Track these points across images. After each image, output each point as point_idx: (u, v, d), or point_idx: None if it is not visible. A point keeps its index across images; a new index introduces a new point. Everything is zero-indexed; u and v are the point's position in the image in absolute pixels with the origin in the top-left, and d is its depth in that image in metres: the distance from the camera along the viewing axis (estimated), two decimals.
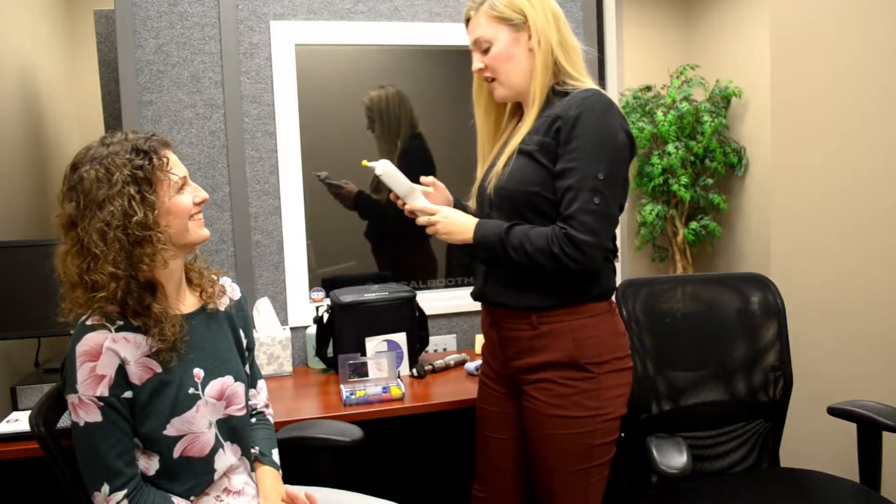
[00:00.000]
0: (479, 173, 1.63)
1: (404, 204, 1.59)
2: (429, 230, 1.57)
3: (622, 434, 1.58)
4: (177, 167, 1.30)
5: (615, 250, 1.52)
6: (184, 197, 1.30)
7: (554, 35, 1.47)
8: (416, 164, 2.38)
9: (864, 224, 2.11)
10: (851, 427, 1.78)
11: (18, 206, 2.53)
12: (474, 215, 1.58)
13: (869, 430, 1.73)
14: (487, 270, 1.55)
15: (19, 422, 1.70)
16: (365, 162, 1.58)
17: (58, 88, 3.17)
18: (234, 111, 2.20)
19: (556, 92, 1.48)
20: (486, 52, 1.50)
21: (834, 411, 1.80)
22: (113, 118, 2.37)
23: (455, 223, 1.53)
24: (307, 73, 2.27)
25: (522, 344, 1.51)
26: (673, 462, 1.52)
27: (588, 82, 1.49)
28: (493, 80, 1.52)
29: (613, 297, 1.56)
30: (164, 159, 1.27)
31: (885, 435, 1.73)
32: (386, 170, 1.56)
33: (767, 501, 1.72)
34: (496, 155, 1.58)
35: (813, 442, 2.27)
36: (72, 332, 1.97)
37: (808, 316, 2.27)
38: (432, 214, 1.55)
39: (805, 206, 2.31)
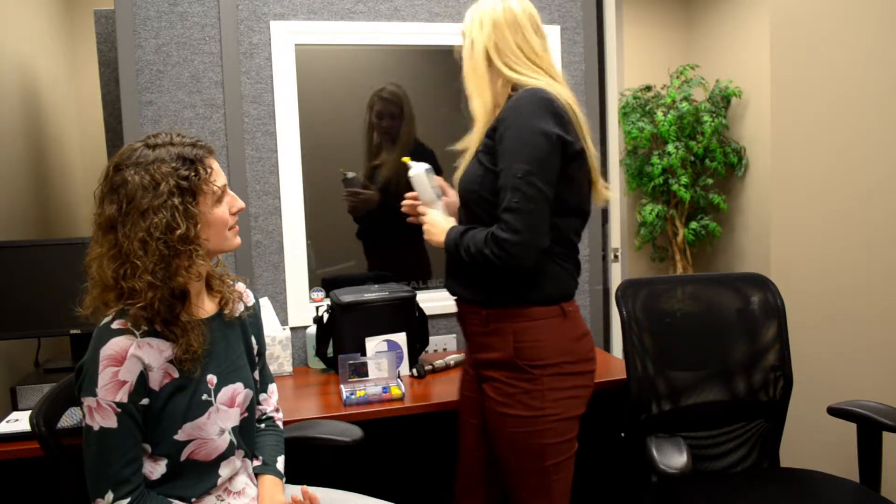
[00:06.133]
0: None
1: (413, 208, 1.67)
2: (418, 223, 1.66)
3: (622, 434, 1.58)
4: (219, 176, 1.30)
5: (571, 251, 1.52)
6: (222, 208, 1.30)
7: (484, 38, 1.51)
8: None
9: (864, 224, 2.11)
10: (851, 427, 1.78)
11: (18, 206, 2.53)
12: None
13: (869, 430, 1.73)
14: (450, 265, 1.61)
15: (19, 422, 1.70)
16: (406, 159, 1.67)
17: (58, 88, 3.17)
18: (234, 111, 2.20)
19: (510, 95, 1.51)
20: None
21: (834, 411, 1.80)
22: (113, 118, 2.36)
23: (433, 226, 1.60)
24: (307, 73, 2.27)
25: (477, 339, 1.57)
26: (673, 462, 1.52)
27: (539, 80, 1.48)
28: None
29: (573, 301, 1.54)
30: (209, 170, 1.27)
31: (885, 435, 1.73)
32: (418, 174, 1.65)
33: (767, 501, 1.72)
34: None
35: (813, 442, 2.27)
36: (72, 331, 1.99)
37: (808, 316, 2.27)
38: (423, 215, 1.63)
39: (805, 206, 2.31)
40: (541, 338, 1.48)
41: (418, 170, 1.66)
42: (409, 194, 1.68)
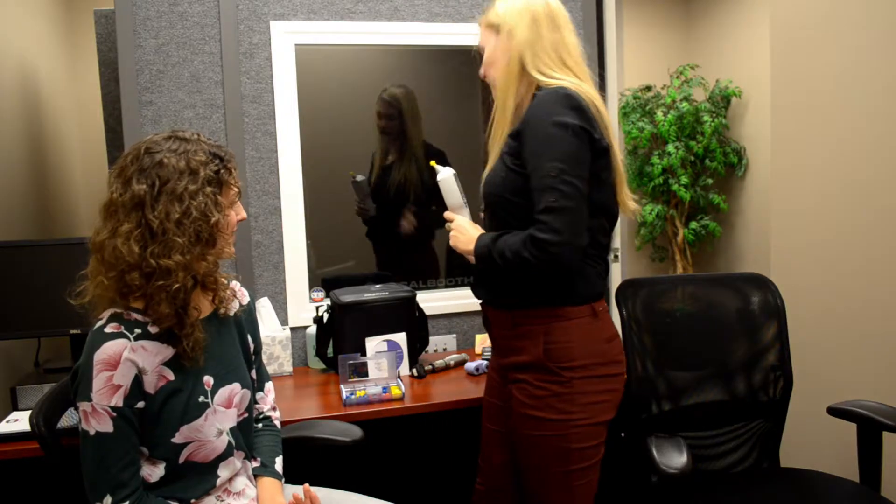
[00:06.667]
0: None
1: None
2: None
3: (622, 434, 1.58)
4: (238, 181, 1.33)
5: (601, 252, 1.50)
6: (232, 213, 1.32)
7: (523, 35, 1.48)
8: (412, 164, 2.39)
9: (863, 224, 2.11)
10: (851, 427, 1.78)
11: (18, 206, 2.53)
12: None
13: (869, 430, 1.73)
14: (479, 270, 1.58)
15: (19, 422, 1.70)
16: (433, 163, 1.65)
17: (58, 88, 3.17)
18: (234, 111, 2.20)
19: (535, 95, 1.48)
20: (482, 57, 1.57)
21: (834, 411, 1.80)
22: (113, 118, 2.37)
23: (461, 233, 1.57)
24: (307, 73, 2.27)
25: (505, 343, 1.55)
26: (673, 462, 1.51)
27: (564, 80, 1.45)
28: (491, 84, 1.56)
29: (603, 301, 1.53)
30: (233, 171, 1.30)
31: (885, 435, 1.73)
32: (447, 178, 1.62)
33: (767, 501, 1.72)
34: None
35: (813, 442, 2.27)
36: (72, 331, 2.00)
37: (808, 316, 2.27)
38: (450, 221, 1.62)
39: (805, 206, 2.31)
40: (572, 339, 1.45)
41: (446, 174, 1.62)
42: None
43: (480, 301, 1.61)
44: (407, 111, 2.36)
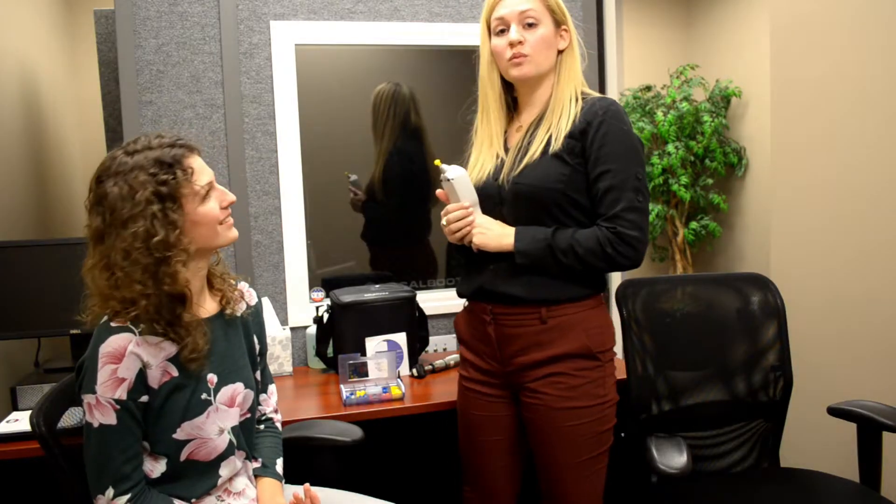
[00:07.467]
0: (487, 165, 1.59)
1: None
2: (460, 234, 1.55)
3: (622, 434, 1.58)
4: (202, 174, 1.27)
5: None
6: (211, 204, 1.28)
7: (576, 39, 1.57)
8: (408, 163, 2.39)
9: (864, 223, 2.11)
10: (851, 427, 1.78)
11: (18, 206, 2.53)
12: None
13: (869, 430, 1.73)
14: (494, 266, 1.53)
15: (19, 422, 1.70)
16: (438, 162, 1.54)
17: (58, 88, 3.17)
18: (234, 111, 2.20)
19: (575, 97, 1.53)
20: (528, 27, 1.49)
21: (834, 411, 1.80)
22: (113, 118, 2.37)
23: (489, 229, 1.52)
24: (307, 73, 2.27)
25: (528, 339, 1.51)
26: (673, 462, 1.52)
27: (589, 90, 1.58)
28: (523, 56, 1.49)
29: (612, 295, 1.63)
30: (189, 170, 1.24)
31: (885, 435, 1.73)
32: (461, 176, 1.53)
33: (767, 501, 1.72)
34: (512, 152, 1.55)
35: (813, 442, 2.27)
36: (72, 331, 2.00)
37: (808, 316, 2.27)
38: (468, 216, 1.53)
39: (805, 206, 2.31)
40: (601, 323, 1.55)
41: (459, 172, 1.54)
42: (451, 206, 1.55)
43: (492, 301, 1.55)
44: (373, 107, 2.35)
